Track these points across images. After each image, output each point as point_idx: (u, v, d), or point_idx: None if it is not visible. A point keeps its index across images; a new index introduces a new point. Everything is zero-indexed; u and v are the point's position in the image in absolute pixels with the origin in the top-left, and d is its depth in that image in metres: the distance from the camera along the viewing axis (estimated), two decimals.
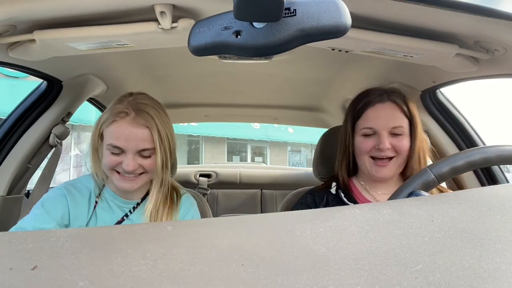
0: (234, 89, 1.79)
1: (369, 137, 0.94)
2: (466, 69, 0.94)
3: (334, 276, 0.24)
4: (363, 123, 0.95)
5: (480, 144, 1.26)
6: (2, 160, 1.25)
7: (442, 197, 0.43)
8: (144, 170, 0.88)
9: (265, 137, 10.99)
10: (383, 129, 0.92)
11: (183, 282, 0.23)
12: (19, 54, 0.89)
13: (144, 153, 0.87)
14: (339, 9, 0.42)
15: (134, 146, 0.85)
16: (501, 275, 0.25)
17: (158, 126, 0.86)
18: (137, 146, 0.85)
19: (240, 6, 0.40)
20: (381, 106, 0.93)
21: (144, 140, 0.85)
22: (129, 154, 0.85)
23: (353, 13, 0.51)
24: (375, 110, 0.94)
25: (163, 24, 0.76)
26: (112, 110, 0.87)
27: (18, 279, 0.23)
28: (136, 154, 0.86)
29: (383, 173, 0.93)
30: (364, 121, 0.95)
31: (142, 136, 0.85)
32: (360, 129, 0.95)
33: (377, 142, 0.92)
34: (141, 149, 0.86)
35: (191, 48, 0.48)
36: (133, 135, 0.84)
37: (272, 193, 2.40)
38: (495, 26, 0.72)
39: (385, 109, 0.93)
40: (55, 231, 0.31)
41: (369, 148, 0.94)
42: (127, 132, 0.84)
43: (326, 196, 1.02)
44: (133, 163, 0.85)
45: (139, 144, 0.85)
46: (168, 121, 0.91)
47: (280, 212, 1.10)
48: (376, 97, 0.94)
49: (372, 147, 0.93)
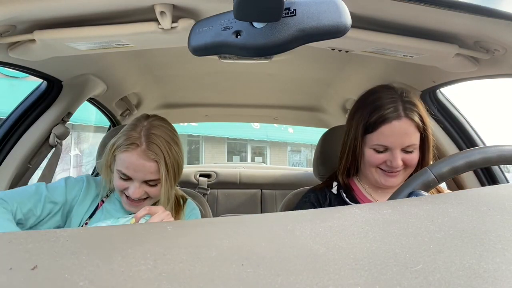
0: (234, 89, 1.79)
1: (381, 153, 0.91)
2: (466, 69, 0.94)
3: (334, 276, 0.24)
4: (376, 139, 0.91)
5: (480, 144, 1.26)
6: (2, 160, 1.25)
7: (442, 197, 0.43)
8: (149, 195, 0.94)
9: (265, 137, 10.99)
10: (397, 147, 0.89)
11: (183, 282, 0.23)
12: (19, 54, 0.89)
13: (151, 182, 0.92)
14: (339, 9, 0.42)
15: (141, 177, 0.90)
16: (501, 275, 0.25)
17: (166, 159, 0.91)
18: (144, 177, 0.90)
19: (240, 6, 0.40)
20: (397, 124, 0.88)
21: (151, 172, 0.90)
22: (135, 182, 0.90)
23: (353, 13, 0.51)
24: (390, 128, 0.88)
25: (163, 24, 0.76)
26: (126, 137, 0.92)
27: (18, 279, 0.23)
28: (143, 183, 0.91)
29: (392, 182, 0.93)
30: (377, 137, 0.90)
31: (150, 168, 0.89)
32: (372, 144, 0.92)
33: (389, 158, 0.90)
34: (148, 179, 0.91)
35: (191, 48, 0.48)
36: (141, 167, 0.89)
37: (272, 193, 2.40)
38: (495, 26, 0.72)
39: (400, 127, 0.88)
40: (55, 231, 0.31)
41: (379, 162, 0.92)
42: (136, 163, 0.89)
43: (328, 195, 1.02)
44: (139, 191, 0.91)
45: (146, 175, 0.90)
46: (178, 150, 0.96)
47: (280, 212, 1.10)
48: (392, 112, 0.89)
49: (383, 161, 0.91)
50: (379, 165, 0.93)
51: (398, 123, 0.88)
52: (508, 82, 1.06)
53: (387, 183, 0.93)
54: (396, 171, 0.91)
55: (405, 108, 0.89)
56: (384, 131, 0.89)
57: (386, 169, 0.92)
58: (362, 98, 0.97)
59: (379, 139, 0.90)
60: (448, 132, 1.28)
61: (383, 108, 0.89)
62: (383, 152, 0.91)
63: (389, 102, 0.90)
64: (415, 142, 0.90)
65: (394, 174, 0.91)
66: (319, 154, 1.28)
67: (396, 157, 0.88)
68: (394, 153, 0.89)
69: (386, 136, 0.89)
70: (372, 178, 0.95)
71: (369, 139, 0.92)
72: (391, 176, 0.92)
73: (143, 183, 0.91)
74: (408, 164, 0.91)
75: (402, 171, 0.92)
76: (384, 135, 0.89)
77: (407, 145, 0.89)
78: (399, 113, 0.88)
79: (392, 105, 0.89)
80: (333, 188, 1.03)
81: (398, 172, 0.92)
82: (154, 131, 0.92)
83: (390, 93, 0.92)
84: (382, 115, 0.89)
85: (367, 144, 0.93)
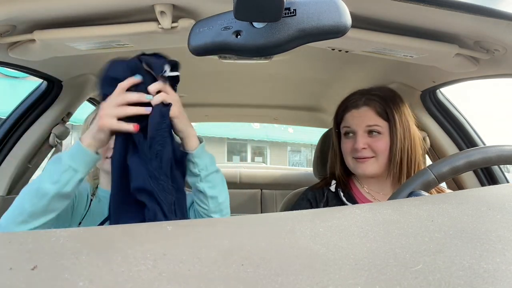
0: (234, 89, 1.79)
1: (349, 138, 0.98)
2: (466, 69, 0.94)
3: (334, 276, 0.24)
4: (342, 124, 1.01)
5: (480, 144, 1.26)
6: (2, 160, 1.25)
7: (442, 197, 0.43)
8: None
9: (265, 137, 10.99)
10: (359, 128, 0.96)
11: (183, 282, 0.23)
12: (19, 54, 0.89)
13: None
14: (339, 9, 0.42)
15: None
16: (501, 275, 0.25)
17: None
18: None
19: (240, 6, 0.40)
20: (356, 111, 0.98)
21: None
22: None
23: (353, 13, 0.51)
24: (351, 114, 0.99)
25: (163, 24, 0.76)
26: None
27: (18, 279, 0.23)
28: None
29: (363, 169, 0.95)
30: (343, 123, 1.01)
31: None
32: (342, 131, 1.01)
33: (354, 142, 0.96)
34: None
35: (191, 48, 0.48)
36: None
37: (272, 193, 2.40)
38: (495, 26, 0.72)
39: (359, 112, 0.97)
40: (55, 231, 0.31)
41: (349, 149, 0.98)
42: None
43: (326, 193, 1.03)
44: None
45: None
46: None
47: (280, 212, 1.10)
48: (353, 102, 0.99)
49: (351, 147, 0.97)
50: (351, 153, 0.98)
51: (356, 110, 0.98)
52: (508, 82, 1.06)
53: (359, 170, 0.97)
54: (363, 156, 0.95)
55: (367, 98, 0.98)
56: (347, 117, 1.00)
57: (355, 155, 0.96)
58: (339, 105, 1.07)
59: (344, 124, 1.00)
60: (448, 132, 1.28)
61: (347, 101, 1.02)
62: (351, 137, 0.98)
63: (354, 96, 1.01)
64: (376, 123, 0.95)
65: (363, 160, 0.95)
66: (319, 154, 1.28)
67: (358, 139, 0.95)
68: (357, 135, 0.96)
69: (348, 120, 0.99)
70: (351, 169, 1.00)
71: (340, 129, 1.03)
72: (361, 162, 0.96)
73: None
74: (374, 149, 0.94)
75: (373, 159, 0.95)
76: (346, 121, 1.00)
77: (366, 125, 0.95)
78: (357, 103, 0.98)
79: (354, 97, 1.00)
80: (332, 186, 1.03)
81: (368, 159, 0.95)
82: None
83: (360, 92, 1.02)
84: (345, 105, 1.01)
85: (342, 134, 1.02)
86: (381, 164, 0.95)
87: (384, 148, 0.94)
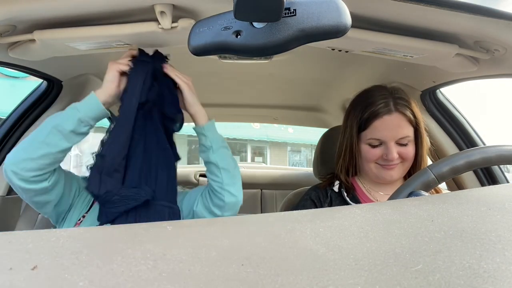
0: (234, 89, 1.78)
1: (376, 147, 0.94)
2: (466, 69, 0.94)
3: (334, 276, 0.24)
4: (369, 134, 0.94)
5: (480, 144, 1.26)
6: (2, 160, 1.25)
7: (442, 197, 0.43)
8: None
9: (265, 137, 10.98)
10: (391, 140, 0.92)
11: (183, 282, 0.23)
12: (19, 54, 0.89)
13: None
14: (339, 9, 0.42)
15: None
16: (501, 275, 0.25)
17: None
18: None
19: (240, 6, 0.40)
20: (389, 118, 0.92)
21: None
22: None
23: (353, 13, 0.51)
24: (382, 122, 0.92)
25: (163, 24, 0.76)
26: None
27: (18, 279, 0.23)
28: None
29: (391, 175, 0.94)
30: (371, 132, 0.94)
31: None
32: (366, 139, 0.95)
33: (385, 152, 0.92)
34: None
35: (191, 48, 0.48)
36: None
37: (272, 193, 2.40)
38: (495, 26, 0.72)
39: (392, 121, 0.92)
40: (55, 231, 0.31)
41: (376, 157, 0.94)
42: None
43: (329, 193, 1.03)
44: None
45: None
46: None
47: (280, 212, 1.10)
48: (383, 107, 0.92)
49: (379, 156, 0.94)
50: (376, 160, 0.95)
51: (389, 117, 0.92)
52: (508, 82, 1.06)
53: (386, 177, 0.95)
54: (392, 164, 0.93)
55: (396, 103, 0.93)
56: (376, 125, 0.93)
57: (383, 163, 0.94)
58: (356, 98, 1.01)
59: (373, 134, 0.93)
60: (448, 132, 1.28)
61: (374, 105, 0.93)
62: (378, 147, 0.94)
63: (380, 99, 0.94)
64: (408, 134, 0.92)
65: (392, 166, 0.94)
66: (319, 154, 1.28)
67: (391, 150, 0.91)
68: (389, 146, 0.91)
69: (379, 130, 0.92)
70: (372, 174, 0.97)
71: (364, 136, 0.95)
72: (389, 169, 0.94)
73: None
74: (404, 157, 0.93)
75: (400, 164, 0.94)
76: (377, 130, 0.93)
77: (400, 137, 0.92)
78: (389, 108, 0.92)
79: (383, 101, 0.93)
80: (335, 186, 1.03)
81: (396, 165, 0.94)
82: None
83: (382, 91, 0.96)
84: (374, 111, 0.93)
85: (362, 140, 0.96)
86: (405, 168, 0.95)
87: (412, 155, 0.94)
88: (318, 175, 1.28)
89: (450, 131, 1.28)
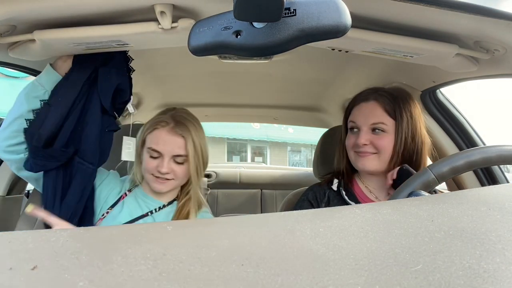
0: (234, 89, 1.79)
1: (354, 133, 0.98)
2: (466, 69, 0.94)
3: (334, 276, 0.24)
4: (349, 120, 1.01)
5: (480, 144, 1.26)
6: (2, 160, 1.25)
7: (442, 197, 0.43)
8: (175, 176, 1.00)
9: (265, 137, 10.98)
10: (364, 125, 0.96)
11: (183, 282, 0.23)
12: (19, 54, 0.89)
13: (178, 159, 0.99)
14: (339, 9, 0.42)
15: (169, 150, 0.97)
16: (501, 275, 0.25)
17: (193, 137, 0.99)
18: (172, 151, 0.97)
19: (240, 6, 0.40)
20: (365, 105, 0.98)
21: (179, 147, 0.98)
22: (165, 157, 0.97)
23: (353, 13, 0.51)
24: (359, 109, 0.99)
25: (163, 24, 0.76)
26: (155, 120, 1.02)
27: (18, 279, 0.23)
28: (171, 159, 0.98)
29: (363, 163, 0.96)
30: (351, 118, 1.01)
31: (178, 143, 0.98)
32: (348, 126, 1.01)
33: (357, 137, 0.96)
34: (175, 154, 0.98)
35: (191, 48, 0.48)
36: (170, 141, 0.98)
37: (272, 193, 2.40)
38: (495, 26, 0.72)
39: (368, 107, 0.97)
40: (55, 231, 0.31)
41: (352, 144, 0.98)
42: (165, 138, 0.98)
43: (327, 193, 1.03)
44: (167, 166, 0.97)
45: (174, 149, 0.97)
46: (203, 136, 1.05)
47: (280, 212, 1.10)
48: (364, 96, 0.99)
49: (354, 142, 0.97)
50: (353, 148, 0.98)
51: (365, 104, 0.98)
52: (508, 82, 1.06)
53: (359, 165, 0.97)
54: (364, 151, 0.95)
55: (376, 95, 0.98)
56: (354, 111, 1.00)
57: (357, 149, 0.97)
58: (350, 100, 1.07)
59: (351, 118, 1.00)
60: (448, 132, 1.28)
61: (359, 95, 1.02)
62: (355, 132, 0.98)
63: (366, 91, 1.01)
64: (382, 121, 0.94)
65: (364, 154, 0.96)
66: (319, 154, 1.28)
67: (361, 135, 0.95)
68: (361, 131, 0.96)
69: (355, 115, 0.99)
70: (353, 163, 1.00)
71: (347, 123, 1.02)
72: (361, 157, 0.96)
73: (171, 159, 0.98)
74: (376, 146, 0.94)
75: (375, 155, 0.95)
76: (353, 115, 1.00)
77: (372, 123, 0.95)
78: (368, 97, 0.98)
79: (366, 92, 1.01)
80: (334, 185, 1.03)
81: (369, 154, 0.95)
82: (181, 114, 1.03)
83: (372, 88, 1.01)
84: (355, 99, 1.02)
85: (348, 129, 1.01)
86: (382, 161, 0.95)
87: (386, 146, 0.94)
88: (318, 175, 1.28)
89: (450, 131, 1.28)
